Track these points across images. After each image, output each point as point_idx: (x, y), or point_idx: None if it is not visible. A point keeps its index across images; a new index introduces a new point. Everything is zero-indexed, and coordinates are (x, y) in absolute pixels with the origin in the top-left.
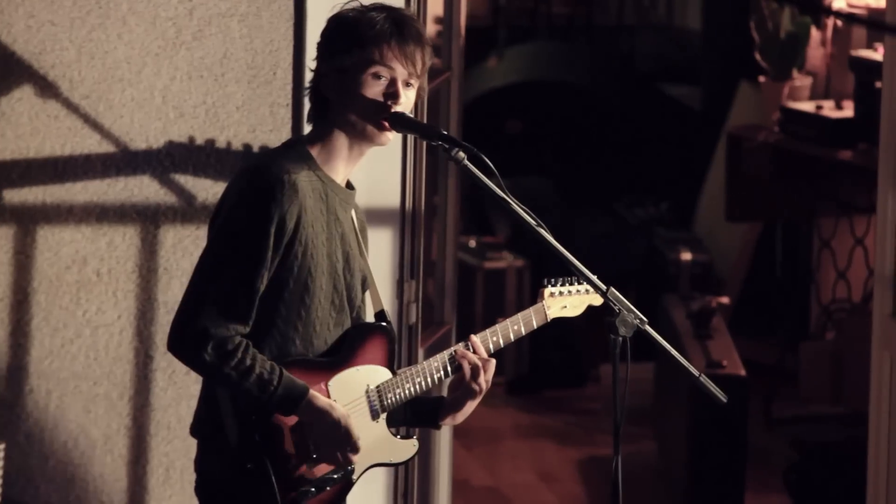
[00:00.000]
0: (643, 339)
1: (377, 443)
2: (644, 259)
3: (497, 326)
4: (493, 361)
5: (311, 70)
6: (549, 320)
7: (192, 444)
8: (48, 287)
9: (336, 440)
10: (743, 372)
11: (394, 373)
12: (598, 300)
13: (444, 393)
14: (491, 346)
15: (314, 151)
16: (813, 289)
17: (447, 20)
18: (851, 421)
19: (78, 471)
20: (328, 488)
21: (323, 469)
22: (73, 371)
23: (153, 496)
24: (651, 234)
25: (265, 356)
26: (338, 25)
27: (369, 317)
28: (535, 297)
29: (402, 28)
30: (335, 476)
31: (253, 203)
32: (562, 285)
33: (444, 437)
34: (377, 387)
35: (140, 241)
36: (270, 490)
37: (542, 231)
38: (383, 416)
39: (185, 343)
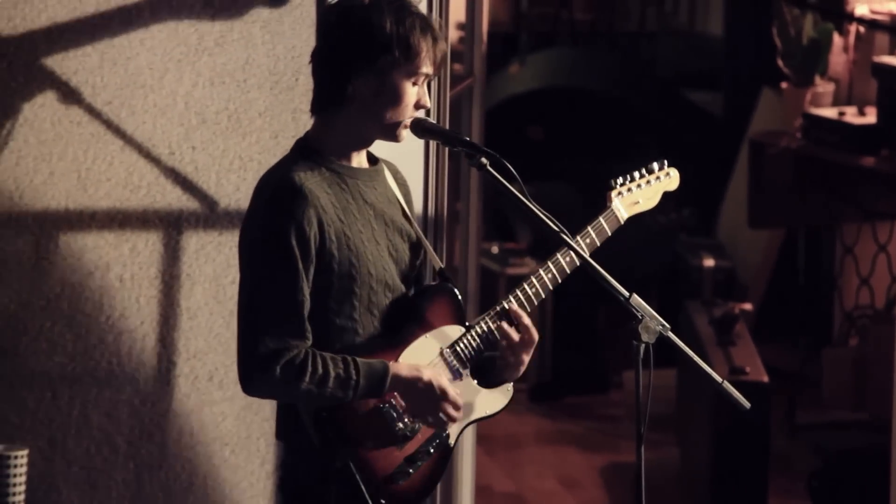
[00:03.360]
0: (666, 345)
1: (467, 400)
2: (667, 265)
3: (558, 254)
4: (535, 340)
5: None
6: (622, 223)
7: (215, 449)
8: (71, 293)
9: (434, 402)
10: (766, 378)
11: (466, 327)
12: (673, 184)
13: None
14: (548, 284)
15: (324, 146)
16: (836, 295)
17: (469, 26)
18: (874, 427)
19: (101, 477)
20: (424, 461)
21: (414, 444)
22: (95, 377)
23: (176, 503)
24: (674, 240)
25: (333, 353)
26: (374, 25)
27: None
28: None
29: (436, 33)
30: (430, 449)
31: (267, 223)
32: (630, 181)
33: (466, 443)
34: (451, 346)
35: (163, 246)
36: (357, 488)
37: (565, 237)
38: (466, 371)
39: (255, 378)
